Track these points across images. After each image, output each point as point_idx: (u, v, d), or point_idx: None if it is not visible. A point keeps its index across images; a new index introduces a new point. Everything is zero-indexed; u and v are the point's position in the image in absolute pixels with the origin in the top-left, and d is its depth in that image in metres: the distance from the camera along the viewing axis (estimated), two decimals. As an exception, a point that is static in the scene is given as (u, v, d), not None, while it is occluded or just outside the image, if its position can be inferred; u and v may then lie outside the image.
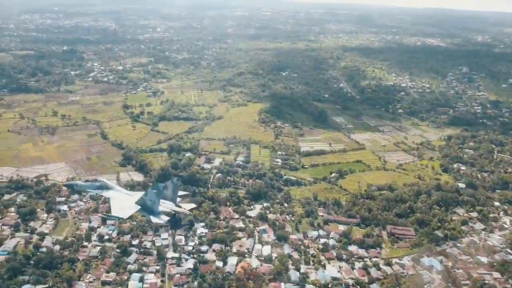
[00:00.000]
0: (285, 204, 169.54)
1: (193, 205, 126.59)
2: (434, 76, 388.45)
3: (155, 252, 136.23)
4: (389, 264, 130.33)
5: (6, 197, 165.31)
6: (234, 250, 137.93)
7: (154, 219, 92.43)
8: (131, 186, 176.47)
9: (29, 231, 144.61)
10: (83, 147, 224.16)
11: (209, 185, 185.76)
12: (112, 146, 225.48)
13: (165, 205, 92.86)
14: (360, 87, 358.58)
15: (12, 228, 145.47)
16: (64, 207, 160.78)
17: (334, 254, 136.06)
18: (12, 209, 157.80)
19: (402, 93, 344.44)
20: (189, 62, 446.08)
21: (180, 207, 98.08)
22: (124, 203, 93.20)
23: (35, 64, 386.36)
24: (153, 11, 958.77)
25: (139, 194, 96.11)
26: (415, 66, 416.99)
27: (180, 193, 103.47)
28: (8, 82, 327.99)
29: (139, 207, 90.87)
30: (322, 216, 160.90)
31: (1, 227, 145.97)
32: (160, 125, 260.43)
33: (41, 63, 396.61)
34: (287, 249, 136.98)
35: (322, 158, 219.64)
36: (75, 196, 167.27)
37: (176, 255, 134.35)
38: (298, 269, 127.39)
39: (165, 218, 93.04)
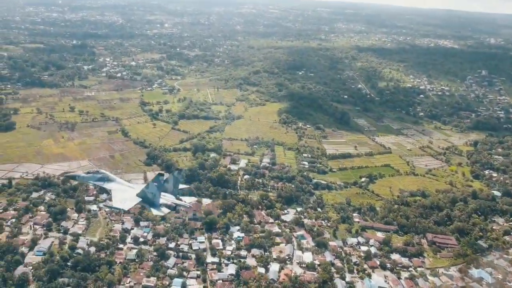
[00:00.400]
0: (319, 209, 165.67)
1: (193, 198, 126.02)
2: (453, 79, 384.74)
3: (193, 256, 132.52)
4: (436, 275, 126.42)
5: (35, 195, 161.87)
6: (274, 256, 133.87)
7: (155, 211, 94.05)
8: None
9: (62, 231, 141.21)
10: (105, 145, 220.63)
11: (238, 187, 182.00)
12: (134, 144, 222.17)
13: (166, 198, 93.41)
14: (378, 89, 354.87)
15: (45, 228, 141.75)
16: (94, 207, 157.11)
17: (378, 262, 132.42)
18: (42, 207, 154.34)
19: (422, 95, 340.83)
20: (202, 59, 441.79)
21: (180, 200, 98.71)
22: (125, 195, 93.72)
23: (47, 58, 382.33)
24: (158, 6, 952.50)
25: (140, 187, 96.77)
26: (432, 68, 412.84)
27: (181, 186, 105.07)
28: (21, 75, 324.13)
29: (140, 199, 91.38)
30: (358, 222, 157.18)
31: (33, 226, 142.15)
32: (180, 123, 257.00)
33: (53, 57, 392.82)
34: (329, 257, 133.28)
35: (349, 162, 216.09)
36: (104, 196, 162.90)
37: (216, 259, 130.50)
38: (343, 278, 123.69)
39: (166, 211, 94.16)
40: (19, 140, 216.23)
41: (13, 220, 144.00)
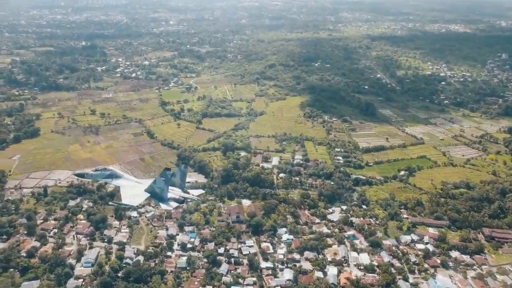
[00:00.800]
0: (364, 206, 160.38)
1: (200, 191, 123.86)
2: (473, 64, 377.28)
3: (245, 261, 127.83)
4: (505, 272, 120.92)
5: (72, 203, 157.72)
6: (328, 258, 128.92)
7: (163, 206, 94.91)
8: (196, 188, 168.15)
9: (106, 240, 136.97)
10: (133, 147, 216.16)
11: (276, 186, 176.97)
12: (162, 146, 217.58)
13: (174, 192, 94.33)
14: (397, 77, 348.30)
15: (88, 237, 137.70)
16: (134, 214, 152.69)
17: (438, 261, 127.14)
18: (81, 216, 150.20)
19: (443, 83, 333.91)
20: (214, 55, 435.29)
21: (188, 193, 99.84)
22: (134, 191, 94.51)
23: (60, 61, 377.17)
24: (160, 4, 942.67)
25: (148, 182, 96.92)
26: (450, 54, 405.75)
27: (188, 179, 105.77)
28: (37, 80, 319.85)
29: (149, 194, 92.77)
30: (407, 218, 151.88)
31: (76, 236, 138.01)
32: (204, 122, 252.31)
33: (66, 59, 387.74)
34: (386, 257, 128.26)
35: (383, 155, 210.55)
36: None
37: (270, 264, 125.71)
38: (405, 279, 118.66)
39: (174, 205, 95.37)
40: (45, 146, 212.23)
41: (55, 230, 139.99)
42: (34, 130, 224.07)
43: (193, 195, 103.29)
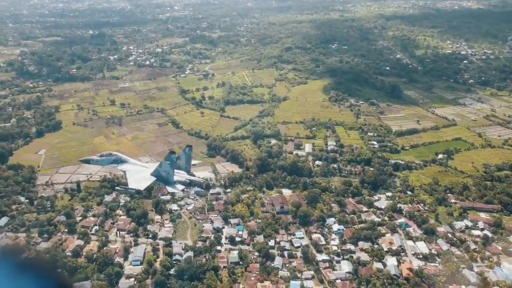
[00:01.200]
0: (409, 192, 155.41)
1: (206, 173, 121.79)
2: (493, 41, 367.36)
3: (298, 254, 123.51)
4: None
5: (108, 198, 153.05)
6: (384, 248, 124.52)
7: (170, 189, 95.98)
8: (234, 179, 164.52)
9: (150, 236, 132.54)
10: (160, 138, 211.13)
11: (314, 175, 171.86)
12: (189, 136, 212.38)
13: (180, 175, 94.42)
14: (417, 57, 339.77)
15: (131, 234, 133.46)
16: (174, 207, 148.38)
17: (499, 248, 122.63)
18: (120, 211, 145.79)
19: (465, 61, 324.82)
20: (226, 40, 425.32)
21: (193, 175, 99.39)
22: (140, 175, 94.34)
23: (70, 51, 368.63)
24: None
25: (154, 166, 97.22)
26: (468, 31, 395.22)
27: (193, 162, 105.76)
28: (49, 71, 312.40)
29: (155, 178, 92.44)
30: (455, 203, 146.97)
31: (119, 233, 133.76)
32: (227, 110, 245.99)
33: (76, 49, 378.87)
34: (444, 245, 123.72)
35: (417, 138, 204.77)
36: (180, 193, 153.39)
37: (325, 257, 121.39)
38: (470, 268, 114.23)
39: (181, 187, 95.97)
40: (69, 139, 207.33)
41: (96, 227, 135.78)
42: (56, 123, 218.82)
43: (198, 177, 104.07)
